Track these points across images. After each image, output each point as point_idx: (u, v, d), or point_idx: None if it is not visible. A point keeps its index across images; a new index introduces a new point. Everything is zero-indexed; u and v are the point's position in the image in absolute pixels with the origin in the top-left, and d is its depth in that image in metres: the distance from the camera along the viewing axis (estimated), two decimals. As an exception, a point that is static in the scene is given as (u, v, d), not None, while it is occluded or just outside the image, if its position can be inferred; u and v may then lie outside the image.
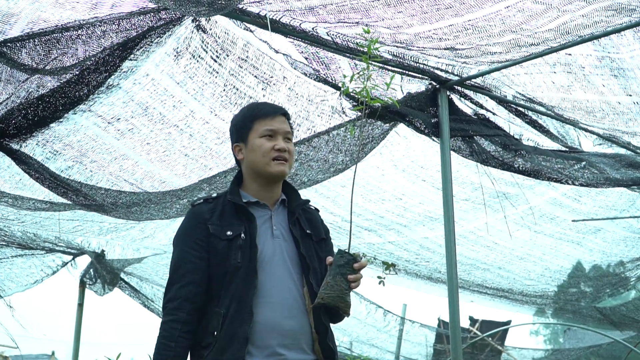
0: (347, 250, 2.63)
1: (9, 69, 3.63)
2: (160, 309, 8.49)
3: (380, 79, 4.40)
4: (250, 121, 2.88)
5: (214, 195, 2.93)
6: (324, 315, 2.78)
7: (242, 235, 2.75)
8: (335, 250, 2.73)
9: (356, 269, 2.63)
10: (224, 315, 2.67)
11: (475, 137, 4.78)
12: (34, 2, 3.43)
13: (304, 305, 2.75)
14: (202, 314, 2.75)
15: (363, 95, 2.78)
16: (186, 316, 2.70)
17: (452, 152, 4.71)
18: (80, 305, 8.47)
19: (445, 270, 4.61)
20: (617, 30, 3.91)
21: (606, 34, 3.93)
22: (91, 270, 8.13)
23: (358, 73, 2.86)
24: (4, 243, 6.95)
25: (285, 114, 2.92)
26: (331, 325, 2.88)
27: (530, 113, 4.87)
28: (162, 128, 4.48)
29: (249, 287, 2.68)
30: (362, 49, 2.95)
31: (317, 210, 3.08)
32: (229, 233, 2.76)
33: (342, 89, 4.07)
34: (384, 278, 2.75)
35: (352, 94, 2.87)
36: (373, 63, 2.78)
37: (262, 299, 2.70)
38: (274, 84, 4.34)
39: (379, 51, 3.39)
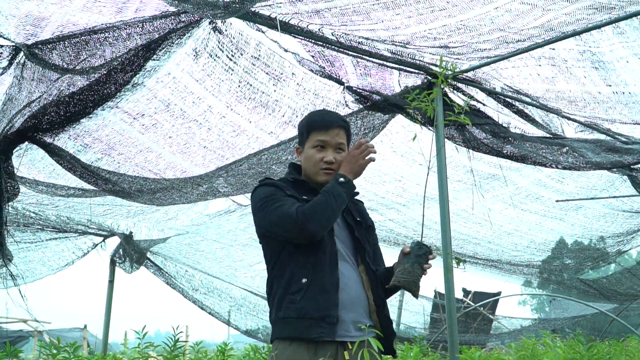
0: (424, 243, 2.77)
1: (40, 69, 3.63)
2: (182, 287, 8.53)
3: (380, 74, 4.41)
4: (307, 131, 2.94)
5: (278, 179, 3.02)
6: (382, 290, 2.92)
7: None
8: (409, 242, 2.86)
9: (430, 259, 2.77)
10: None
11: (467, 126, 4.79)
12: (63, 6, 3.42)
13: (360, 281, 2.87)
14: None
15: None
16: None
17: (446, 140, 4.72)
18: (111, 282, 8.52)
19: (441, 245, 4.63)
20: (598, 27, 3.90)
21: (587, 30, 3.93)
22: (120, 250, 8.17)
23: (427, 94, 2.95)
24: (39, 227, 6.97)
25: (341, 126, 2.93)
26: None
27: (517, 103, 4.88)
28: (183, 122, 4.49)
29: (328, 248, 2.83)
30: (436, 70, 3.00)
31: (362, 202, 3.20)
32: (304, 197, 2.84)
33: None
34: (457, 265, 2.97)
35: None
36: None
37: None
38: (284, 80, 4.35)
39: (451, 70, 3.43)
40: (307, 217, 2.70)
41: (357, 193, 3.06)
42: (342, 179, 2.74)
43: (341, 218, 2.96)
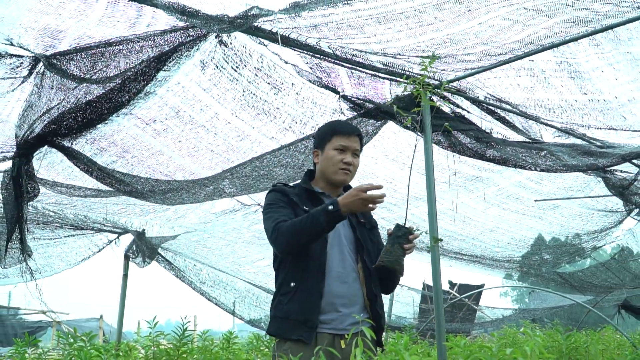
0: (404, 225, 2.77)
1: (59, 78, 3.63)
2: (190, 280, 8.49)
3: (372, 84, 4.40)
4: (330, 135, 3.03)
5: (292, 184, 3.12)
6: (375, 285, 2.95)
7: None
8: (392, 227, 2.86)
9: (411, 239, 2.77)
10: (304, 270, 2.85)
11: (452, 132, 4.78)
12: (79, 20, 3.41)
13: (357, 277, 2.91)
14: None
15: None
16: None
17: (433, 145, 4.70)
18: (125, 275, 8.48)
19: (428, 240, 4.61)
20: (575, 39, 3.88)
21: (565, 42, 3.91)
22: (134, 246, 8.14)
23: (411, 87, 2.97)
24: (58, 225, 6.95)
25: (359, 135, 3.07)
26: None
27: (499, 111, 4.86)
28: (192, 128, 4.48)
29: (320, 254, 2.86)
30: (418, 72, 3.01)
31: None
32: (305, 208, 2.91)
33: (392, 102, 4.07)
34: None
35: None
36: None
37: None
38: (284, 90, 4.34)
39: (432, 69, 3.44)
40: (279, 234, 2.77)
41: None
42: (331, 207, 2.67)
43: (347, 219, 3.02)
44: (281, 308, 2.82)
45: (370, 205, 2.68)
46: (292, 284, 2.81)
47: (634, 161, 6.06)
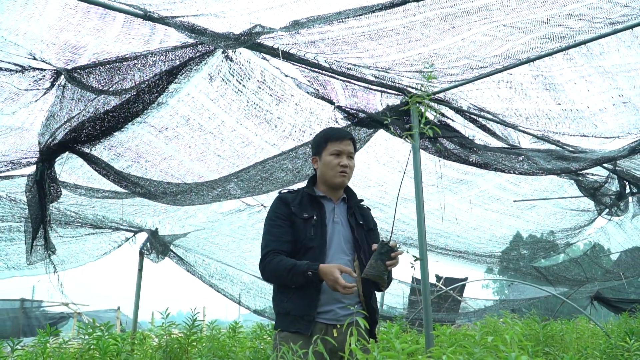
0: (388, 242, 2.75)
1: (79, 90, 3.61)
2: (200, 274, 8.46)
3: (365, 95, 4.39)
4: (325, 142, 3.03)
5: (295, 189, 3.10)
6: (370, 283, 2.91)
7: (315, 217, 2.91)
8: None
9: (393, 257, 2.73)
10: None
11: (439, 139, 4.77)
12: (98, 37, 3.41)
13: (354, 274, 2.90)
14: None
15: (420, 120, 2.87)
16: (283, 255, 2.83)
17: (421, 150, 4.70)
18: (140, 270, 8.45)
19: (417, 238, 4.61)
20: (550, 54, 3.88)
21: (540, 57, 3.91)
22: (148, 243, 8.10)
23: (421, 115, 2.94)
24: (78, 224, 6.93)
25: (351, 139, 3.05)
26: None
27: (480, 119, 4.86)
28: (200, 135, 4.47)
29: (319, 255, 2.84)
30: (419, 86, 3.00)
31: (368, 208, 3.26)
32: (305, 215, 2.91)
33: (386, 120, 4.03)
34: (413, 265, 2.85)
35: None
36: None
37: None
38: (284, 101, 4.33)
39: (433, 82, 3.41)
40: (265, 268, 2.83)
41: (362, 201, 3.20)
42: (311, 275, 2.69)
43: (346, 220, 3.02)
44: (283, 306, 2.84)
45: (337, 288, 2.65)
46: (292, 285, 2.80)
47: (605, 165, 6.06)
